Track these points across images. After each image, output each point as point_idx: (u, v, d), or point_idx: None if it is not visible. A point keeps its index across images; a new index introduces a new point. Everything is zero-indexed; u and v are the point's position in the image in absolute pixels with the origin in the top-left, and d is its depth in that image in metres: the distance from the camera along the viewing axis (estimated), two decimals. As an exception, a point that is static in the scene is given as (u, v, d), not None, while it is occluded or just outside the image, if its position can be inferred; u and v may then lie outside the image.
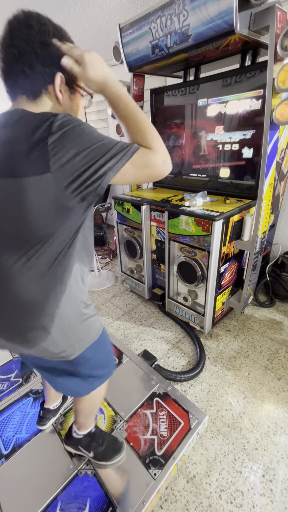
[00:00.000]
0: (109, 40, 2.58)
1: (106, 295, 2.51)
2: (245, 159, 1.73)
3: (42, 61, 0.60)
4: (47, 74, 0.62)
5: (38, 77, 0.62)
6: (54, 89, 0.64)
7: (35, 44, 0.58)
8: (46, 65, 0.61)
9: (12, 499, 1.07)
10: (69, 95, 0.69)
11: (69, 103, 0.70)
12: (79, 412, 1.07)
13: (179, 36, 1.49)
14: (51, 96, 0.65)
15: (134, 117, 0.65)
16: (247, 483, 1.12)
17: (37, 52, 0.59)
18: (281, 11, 1.23)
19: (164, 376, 1.55)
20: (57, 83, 0.64)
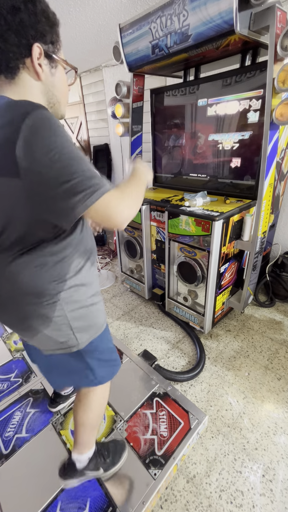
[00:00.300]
0: (109, 40, 2.58)
1: (106, 295, 2.51)
2: (245, 159, 1.73)
3: (15, 30, 0.53)
4: (22, 46, 0.55)
5: (13, 49, 0.55)
6: (32, 63, 0.58)
7: (4, 10, 0.52)
8: (20, 35, 0.54)
9: (12, 499, 1.07)
10: (50, 70, 0.62)
11: (51, 79, 0.63)
12: (85, 425, 0.97)
13: (179, 36, 1.49)
14: (30, 72, 0.59)
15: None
16: (247, 483, 1.12)
17: (8, 19, 0.52)
18: (281, 11, 1.23)
19: (164, 376, 1.55)
20: (35, 56, 0.57)
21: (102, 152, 3.80)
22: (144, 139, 2.43)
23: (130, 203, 0.63)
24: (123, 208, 0.60)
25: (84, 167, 0.54)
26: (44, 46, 0.58)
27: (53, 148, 0.51)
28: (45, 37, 0.58)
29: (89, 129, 4.08)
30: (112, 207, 0.58)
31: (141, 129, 2.34)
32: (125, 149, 3.47)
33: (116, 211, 0.59)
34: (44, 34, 0.58)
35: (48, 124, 0.52)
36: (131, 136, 2.31)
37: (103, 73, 3.38)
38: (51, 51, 0.61)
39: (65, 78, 0.68)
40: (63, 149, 0.52)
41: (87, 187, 0.54)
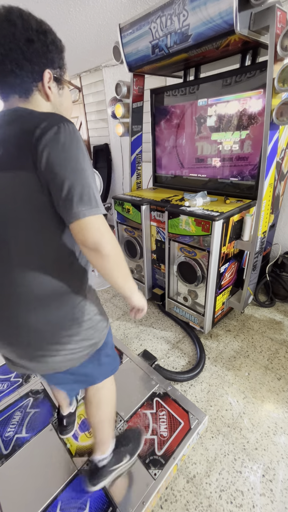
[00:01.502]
0: (109, 40, 2.57)
1: (106, 295, 2.51)
2: (245, 159, 1.73)
3: (29, 59, 0.60)
4: (35, 72, 0.63)
5: (28, 75, 0.62)
6: (43, 86, 0.65)
7: (20, 42, 0.58)
8: (34, 63, 0.61)
9: (12, 499, 1.07)
10: (58, 91, 0.70)
11: (59, 99, 0.71)
12: (103, 421, 0.99)
13: (179, 36, 1.49)
14: (41, 93, 0.67)
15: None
16: (247, 483, 1.12)
17: (23, 50, 0.59)
18: (281, 11, 1.23)
19: (164, 376, 1.55)
20: (46, 80, 0.65)
21: (102, 152, 3.80)
22: (144, 139, 2.43)
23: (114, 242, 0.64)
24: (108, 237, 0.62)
25: (92, 185, 0.60)
26: (53, 71, 0.66)
27: (70, 160, 0.57)
28: (54, 63, 0.66)
29: (89, 129, 4.08)
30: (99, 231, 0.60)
31: (141, 129, 2.34)
32: (125, 149, 3.47)
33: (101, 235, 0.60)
34: (54, 61, 0.66)
35: (71, 136, 0.58)
36: (131, 136, 2.31)
37: (103, 73, 3.38)
38: (58, 74, 0.68)
39: (70, 96, 0.76)
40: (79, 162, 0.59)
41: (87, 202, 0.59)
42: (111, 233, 0.64)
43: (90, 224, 0.59)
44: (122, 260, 0.68)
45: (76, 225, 0.59)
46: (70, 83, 0.73)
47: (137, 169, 2.44)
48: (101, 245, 0.60)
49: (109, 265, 0.65)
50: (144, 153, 2.57)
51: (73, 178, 0.57)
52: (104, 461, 1.04)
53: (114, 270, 0.67)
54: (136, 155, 2.38)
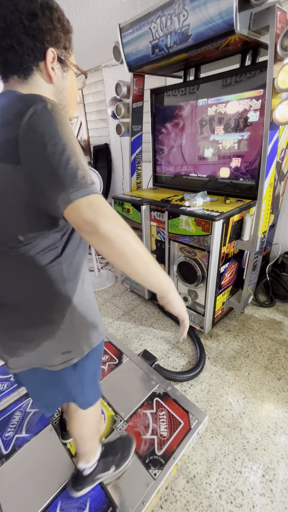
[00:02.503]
0: (109, 40, 2.57)
1: (106, 295, 2.51)
2: (245, 159, 1.73)
3: (31, 35, 0.55)
4: (37, 50, 0.58)
5: (28, 52, 0.57)
6: (46, 66, 0.60)
7: (22, 15, 0.54)
8: (36, 39, 0.56)
9: (12, 499, 1.07)
10: (62, 73, 0.64)
11: (62, 82, 0.65)
12: (86, 437, 0.97)
13: (179, 36, 1.49)
14: (43, 74, 0.61)
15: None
16: (247, 483, 1.12)
17: (25, 24, 0.54)
18: (281, 11, 1.23)
19: (164, 376, 1.55)
20: (49, 60, 0.60)
21: (102, 152, 3.80)
22: (144, 139, 2.43)
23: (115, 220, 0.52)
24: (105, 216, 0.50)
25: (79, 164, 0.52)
26: (57, 51, 0.61)
27: (54, 136, 0.50)
28: (59, 43, 0.61)
29: (89, 129, 4.08)
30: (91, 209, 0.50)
31: (141, 129, 2.34)
32: (125, 149, 3.47)
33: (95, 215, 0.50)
34: (58, 40, 0.60)
35: (51, 114, 0.52)
36: (131, 136, 2.31)
37: (103, 73, 3.38)
38: (63, 56, 0.63)
39: (75, 82, 0.70)
40: (63, 141, 0.51)
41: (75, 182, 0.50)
42: (113, 211, 0.52)
43: (81, 205, 0.49)
44: (132, 243, 0.53)
45: (68, 210, 0.50)
46: (76, 67, 0.67)
47: (137, 169, 2.44)
48: (97, 224, 0.49)
49: (116, 251, 0.52)
50: (144, 153, 2.57)
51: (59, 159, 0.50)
52: (88, 470, 1.03)
53: (125, 257, 0.53)
54: (136, 155, 2.38)
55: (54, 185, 0.50)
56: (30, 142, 0.50)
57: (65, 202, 0.50)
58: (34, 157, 0.51)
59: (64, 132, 0.52)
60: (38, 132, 0.50)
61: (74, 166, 0.50)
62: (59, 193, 0.50)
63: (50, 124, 0.51)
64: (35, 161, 0.51)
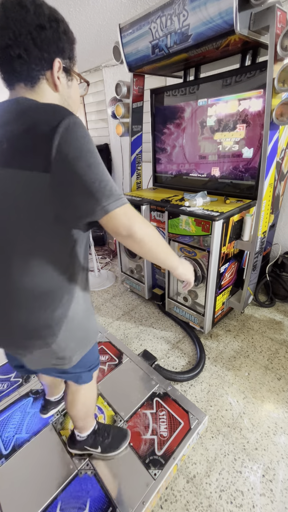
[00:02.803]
0: (109, 40, 2.57)
1: (106, 295, 2.51)
2: (245, 159, 1.73)
3: (39, 46, 0.58)
4: (44, 60, 0.61)
5: (36, 62, 0.60)
6: (52, 75, 0.63)
7: (31, 27, 0.57)
8: (44, 50, 0.59)
9: (12, 499, 1.07)
10: (67, 82, 0.68)
11: (67, 91, 0.69)
12: (75, 418, 1.07)
13: (179, 36, 1.49)
14: (49, 83, 0.64)
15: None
16: (247, 483, 1.12)
17: (33, 36, 0.57)
18: (281, 11, 1.23)
19: (164, 376, 1.55)
20: (55, 69, 0.63)
21: (102, 152, 3.80)
22: (144, 139, 2.43)
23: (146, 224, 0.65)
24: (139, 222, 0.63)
25: (108, 177, 0.59)
26: (63, 61, 0.64)
27: (87, 153, 0.56)
28: (64, 53, 0.64)
29: (89, 129, 4.08)
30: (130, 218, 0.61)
31: (141, 129, 2.34)
32: (125, 149, 3.47)
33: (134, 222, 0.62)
34: (64, 50, 0.64)
35: (83, 130, 0.57)
36: (131, 136, 2.31)
37: (103, 73, 3.38)
38: (68, 65, 0.66)
39: (78, 90, 0.74)
40: (95, 155, 0.57)
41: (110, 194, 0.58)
42: (141, 217, 0.64)
43: (118, 214, 0.60)
44: (158, 240, 0.68)
45: (106, 219, 0.60)
46: (79, 76, 0.71)
47: (137, 169, 2.44)
48: (133, 230, 0.61)
49: (146, 247, 0.66)
50: (144, 153, 2.57)
51: (94, 173, 0.56)
52: (79, 437, 1.14)
53: (152, 251, 0.68)
54: (136, 155, 2.38)
55: (92, 196, 0.57)
56: (66, 155, 0.54)
57: (103, 212, 0.58)
58: (70, 170, 0.55)
59: (94, 148, 0.58)
60: (75, 146, 0.55)
61: (107, 179, 0.58)
62: (97, 203, 0.57)
63: (83, 139, 0.56)
64: (71, 174, 0.55)
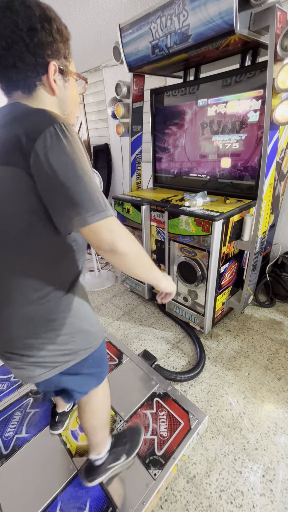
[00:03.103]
0: (109, 40, 2.57)
1: (106, 295, 2.51)
2: (245, 159, 1.73)
3: (33, 51, 0.56)
4: (39, 65, 0.58)
5: (31, 69, 0.58)
6: (48, 79, 0.61)
7: (23, 32, 0.54)
8: (38, 55, 0.57)
9: (12, 499, 1.07)
10: (64, 83, 0.65)
11: (64, 92, 0.66)
12: (96, 428, 0.99)
13: (179, 36, 1.49)
14: (46, 88, 0.62)
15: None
16: (247, 483, 1.12)
17: (26, 41, 0.54)
18: (281, 11, 1.23)
19: (164, 376, 1.55)
20: (51, 73, 0.60)
21: (102, 152, 3.80)
22: (144, 139, 2.43)
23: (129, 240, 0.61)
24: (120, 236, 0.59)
25: (93, 186, 0.55)
26: (58, 62, 0.61)
27: (65, 166, 0.53)
28: (59, 54, 0.61)
29: (89, 129, 4.08)
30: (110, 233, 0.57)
31: (141, 129, 2.34)
32: (125, 149, 3.47)
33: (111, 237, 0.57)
34: (59, 51, 0.61)
35: (65, 140, 0.53)
36: (131, 136, 2.31)
37: (103, 73, 3.38)
38: (64, 66, 0.63)
39: (76, 89, 0.70)
40: (76, 167, 0.54)
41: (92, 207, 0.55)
42: (125, 231, 0.61)
43: (100, 228, 0.56)
44: (141, 254, 0.65)
45: (87, 230, 0.57)
46: (77, 75, 0.68)
47: (137, 169, 2.44)
48: (116, 245, 0.58)
49: (128, 262, 0.62)
50: (144, 153, 2.57)
51: (73, 186, 0.53)
52: (100, 460, 1.06)
53: (134, 266, 0.65)
54: (136, 155, 2.38)
55: (72, 206, 0.54)
56: (46, 163, 0.52)
57: (82, 223, 0.55)
58: (50, 178, 0.52)
59: (80, 156, 0.55)
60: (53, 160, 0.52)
61: (91, 190, 0.55)
62: (77, 213, 0.54)
63: (63, 151, 0.53)
64: (51, 182, 0.53)
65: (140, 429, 1.23)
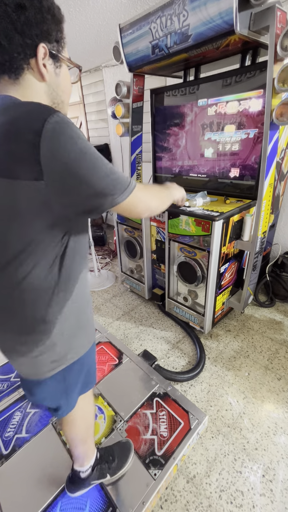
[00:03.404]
0: (109, 40, 2.58)
1: (106, 295, 2.51)
2: (245, 159, 1.73)
3: (20, 30, 0.51)
4: (27, 46, 0.53)
5: (18, 49, 0.53)
6: (37, 63, 0.56)
7: (9, 8, 0.49)
8: (26, 35, 0.52)
9: (12, 499, 1.07)
10: (55, 69, 0.60)
11: (56, 79, 0.61)
12: (76, 440, 0.94)
13: (179, 36, 1.49)
14: (34, 73, 0.57)
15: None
16: (247, 483, 1.12)
17: (13, 19, 0.50)
18: (281, 11, 1.23)
19: (164, 376, 1.55)
20: (40, 56, 0.55)
21: (102, 152, 3.80)
22: (144, 139, 2.43)
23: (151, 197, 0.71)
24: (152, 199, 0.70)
25: (109, 166, 0.55)
26: (49, 45, 0.56)
27: (80, 153, 0.51)
28: (50, 36, 0.56)
29: (89, 129, 4.08)
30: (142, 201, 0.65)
31: (141, 129, 2.34)
32: (125, 149, 3.47)
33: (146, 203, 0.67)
34: (50, 33, 0.56)
35: (70, 127, 0.51)
36: (131, 136, 2.31)
37: (103, 73, 3.38)
38: (55, 50, 0.58)
39: (69, 77, 0.65)
40: (89, 152, 0.52)
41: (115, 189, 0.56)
42: (149, 191, 0.70)
43: (127, 205, 0.61)
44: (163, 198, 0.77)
45: (119, 209, 0.61)
46: (69, 61, 0.62)
47: (137, 169, 2.44)
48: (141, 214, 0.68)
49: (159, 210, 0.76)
50: (144, 153, 2.56)
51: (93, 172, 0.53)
52: (83, 473, 1.02)
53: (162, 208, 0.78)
54: (136, 155, 2.38)
55: (97, 195, 0.55)
56: (59, 160, 0.49)
57: (112, 204, 0.58)
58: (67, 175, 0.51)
59: (86, 143, 0.52)
60: (66, 150, 0.50)
61: (108, 172, 0.55)
62: (105, 199, 0.56)
63: (73, 139, 0.50)
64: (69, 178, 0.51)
65: (129, 446, 1.18)
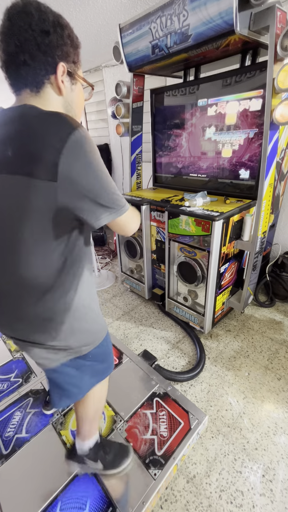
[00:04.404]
0: (109, 40, 2.58)
1: (106, 295, 2.51)
2: (245, 159, 1.73)
3: (43, 51, 0.60)
4: (49, 64, 0.62)
5: (40, 67, 0.62)
6: (56, 79, 0.65)
7: (35, 33, 0.58)
8: (48, 55, 0.61)
9: (12, 499, 1.07)
10: (71, 86, 0.69)
11: (71, 94, 0.70)
12: (83, 418, 1.01)
13: (179, 36, 1.49)
14: (53, 87, 0.66)
15: None
16: (247, 483, 1.12)
17: (38, 41, 0.59)
18: (281, 11, 1.23)
19: (164, 376, 1.55)
20: (59, 73, 0.64)
21: (102, 152, 3.81)
22: (144, 139, 2.43)
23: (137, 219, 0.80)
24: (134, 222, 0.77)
25: (113, 185, 0.65)
26: (67, 65, 0.65)
27: (94, 168, 0.60)
28: (68, 57, 0.66)
29: (89, 129, 4.08)
30: (129, 222, 0.74)
31: (141, 129, 2.34)
32: (125, 149, 3.47)
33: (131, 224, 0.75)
34: (68, 55, 0.65)
35: (91, 144, 0.60)
36: (131, 136, 2.31)
37: (103, 73, 3.38)
38: (72, 69, 0.68)
39: (83, 94, 0.75)
40: (101, 169, 0.62)
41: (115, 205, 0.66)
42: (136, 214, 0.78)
43: (120, 221, 0.70)
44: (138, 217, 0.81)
45: (112, 223, 0.70)
46: (84, 80, 0.72)
47: (137, 169, 2.44)
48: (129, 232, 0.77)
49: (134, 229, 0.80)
50: (144, 153, 2.57)
51: (100, 187, 0.61)
52: (80, 450, 1.07)
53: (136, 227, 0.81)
54: (136, 155, 2.38)
55: (100, 205, 0.63)
56: (74, 169, 0.57)
57: (109, 218, 0.66)
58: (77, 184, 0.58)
59: (100, 160, 0.62)
60: (83, 161, 0.58)
61: (113, 190, 0.65)
62: (105, 211, 0.65)
63: (90, 154, 0.59)
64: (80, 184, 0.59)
65: (128, 450, 1.16)
